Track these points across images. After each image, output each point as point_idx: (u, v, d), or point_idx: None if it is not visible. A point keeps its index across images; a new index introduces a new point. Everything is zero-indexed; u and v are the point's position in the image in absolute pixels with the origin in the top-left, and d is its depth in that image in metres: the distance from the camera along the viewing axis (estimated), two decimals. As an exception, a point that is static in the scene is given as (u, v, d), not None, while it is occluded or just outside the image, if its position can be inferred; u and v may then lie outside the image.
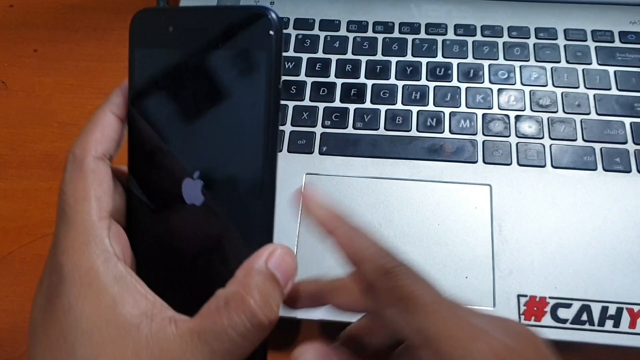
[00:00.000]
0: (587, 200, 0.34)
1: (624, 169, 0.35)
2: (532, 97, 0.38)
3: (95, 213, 0.22)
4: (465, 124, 0.38)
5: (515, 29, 0.41)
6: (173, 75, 0.26)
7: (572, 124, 0.37)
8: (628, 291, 0.32)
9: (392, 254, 0.23)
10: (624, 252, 0.33)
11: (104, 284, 0.21)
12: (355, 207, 0.35)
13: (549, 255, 0.33)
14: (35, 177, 0.40)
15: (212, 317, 0.20)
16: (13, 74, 0.45)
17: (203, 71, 0.25)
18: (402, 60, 0.40)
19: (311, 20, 0.42)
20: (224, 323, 0.20)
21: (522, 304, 0.31)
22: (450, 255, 0.33)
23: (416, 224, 0.34)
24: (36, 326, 0.22)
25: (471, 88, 0.39)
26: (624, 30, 0.41)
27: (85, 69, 0.45)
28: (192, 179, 0.23)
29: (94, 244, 0.22)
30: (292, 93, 0.40)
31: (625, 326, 0.31)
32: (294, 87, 0.40)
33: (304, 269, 0.33)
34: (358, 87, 0.39)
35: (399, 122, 0.38)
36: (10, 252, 0.37)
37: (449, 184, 0.35)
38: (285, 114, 0.39)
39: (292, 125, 0.38)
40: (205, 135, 0.24)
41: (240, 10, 0.24)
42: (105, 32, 0.47)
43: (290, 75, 0.40)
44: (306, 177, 0.36)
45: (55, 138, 0.42)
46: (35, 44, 0.46)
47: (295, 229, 0.34)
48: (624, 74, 0.39)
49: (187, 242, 0.24)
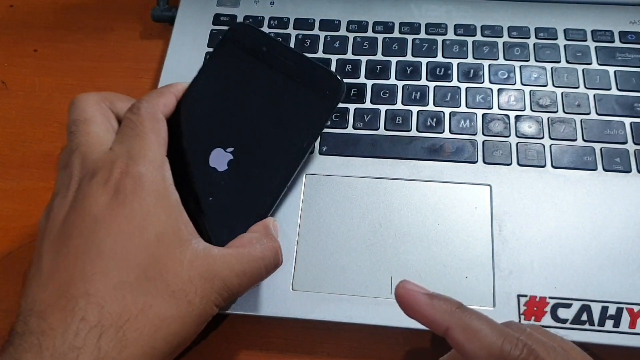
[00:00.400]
0: (587, 200, 0.34)
1: (624, 169, 0.35)
2: (532, 97, 0.38)
3: (163, 151, 0.29)
4: (465, 124, 0.38)
5: (515, 29, 0.41)
6: (247, 77, 0.33)
7: (572, 124, 0.37)
8: (628, 291, 0.32)
9: (517, 341, 0.22)
10: (624, 252, 0.33)
11: (173, 203, 0.27)
12: (355, 207, 0.35)
13: (549, 255, 0.33)
14: (35, 177, 0.40)
15: (249, 247, 0.27)
16: (13, 74, 0.45)
17: (273, 84, 0.33)
18: (402, 60, 0.40)
19: (311, 20, 0.42)
20: (257, 254, 0.27)
21: (522, 304, 0.31)
22: (450, 255, 0.33)
23: (416, 224, 0.34)
24: (97, 216, 0.26)
25: (471, 88, 0.39)
26: (624, 30, 0.41)
27: (85, 69, 0.45)
28: (224, 150, 0.31)
29: (165, 170, 0.28)
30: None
31: (625, 326, 0.31)
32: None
33: (304, 268, 0.33)
34: (358, 87, 0.39)
35: (399, 122, 0.38)
36: (10, 252, 0.37)
37: (449, 184, 0.35)
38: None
39: (292, 125, 0.38)
40: (251, 127, 0.32)
41: (325, 68, 0.33)
42: (105, 32, 0.47)
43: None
44: (306, 177, 0.36)
45: (55, 138, 0.42)
46: (35, 44, 0.46)
47: (296, 229, 0.34)
48: (624, 74, 0.39)
49: (198, 192, 0.31)
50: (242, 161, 0.31)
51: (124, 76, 0.44)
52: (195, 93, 0.33)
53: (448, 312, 0.23)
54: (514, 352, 0.21)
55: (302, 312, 0.32)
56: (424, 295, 0.24)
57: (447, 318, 0.23)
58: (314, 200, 0.35)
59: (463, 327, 0.22)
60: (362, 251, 0.33)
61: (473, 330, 0.22)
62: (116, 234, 0.25)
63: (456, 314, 0.23)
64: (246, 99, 0.33)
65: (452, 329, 0.23)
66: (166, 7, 0.45)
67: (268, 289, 0.32)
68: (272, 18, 0.43)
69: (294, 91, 0.32)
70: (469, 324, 0.22)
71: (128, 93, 0.43)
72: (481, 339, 0.22)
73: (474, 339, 0.22)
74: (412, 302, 0.24)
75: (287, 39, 0.42)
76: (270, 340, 0.34)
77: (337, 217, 0.34)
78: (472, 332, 0.22)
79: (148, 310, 0.24)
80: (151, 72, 0.44)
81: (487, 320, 0.23)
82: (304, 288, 0.32)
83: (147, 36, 0.46)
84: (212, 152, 0.32)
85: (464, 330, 0.22)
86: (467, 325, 0.22)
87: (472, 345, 0.22)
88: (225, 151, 0.32)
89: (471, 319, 0.23)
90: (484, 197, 0.35)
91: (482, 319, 0.23)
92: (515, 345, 0.22)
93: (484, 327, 0.22)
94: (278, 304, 0.32)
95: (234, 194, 0.31)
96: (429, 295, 0.24)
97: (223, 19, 0.43)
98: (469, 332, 0.22)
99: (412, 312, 0.24)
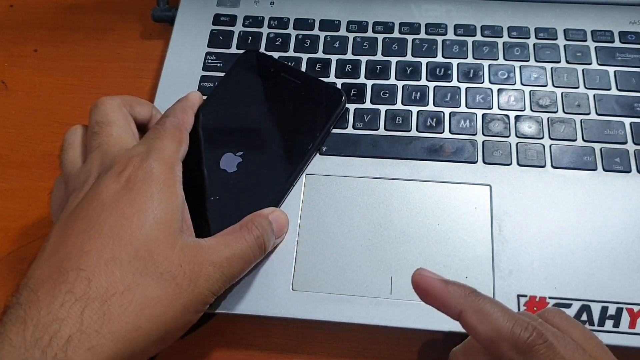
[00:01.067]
0: (587, 201, 0.34)
1: (624, 169, 0.35)
2: (532, 97, 0.38)
3: (178, 156, 0.31)
4: (465, 124, 0.38)
5: (515, 29, 0.41)
6: (257, 92, 0.38)
7: (572, 124, 0.37)
8: (628, 291, 0.32)
9: (527, 324, 0.23)
10: (624, 252, 0.33)
11: (177, 197, 0.29)
12: (355, 207, 0.35)
13: (549, 255, 0.33)
14: (35, 177, 0.40)
15: (233, 233, 0.30)
16: (13, 74, 0.45)
17: (280, 97, 0.37)
18: (402, 61, 0.40)
19: (311, 20, 0.42)
20: (242, 235, 0.29)
21: (522, 304, 0.31)
22: (450, 255, 0.33)
23: (416, 224, 0.34)
24: (104, 201, 0.27)
25: (471, 88, 0.39)
26: (624, 30, 0.41)
27: (85, 69, 0.45)
28: (234, 154, 0.35)
29: (177, 170, 0.30)
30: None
31: (625, 326, 0.31)
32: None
33: (304, 268, 0.33)
34: (358, 87, 0.39)
35: (399, 122, 0.38)
36: (10, 252, 0.37)
37: (449, 184, 0.35)
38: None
39: (292, 125, 0.38)
40: (259, 134, 0.36)
41: (328, 83, 0.38)
42: (105, 32, 0.47)
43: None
44: (306, 177, 0.36)
45: (55, 138, 0.42)
46: (35, 44, 0.46)
47: (296, 229, 0.34)
48: (624, 74, 0.39)
49: (207, 191, 0.34)
50: (250, 164, 0.35)
51: (124, 76, 0.44)
52: (211, 106, 0.37)
53: (462, 297, 0.24)
54: (524, 334, 0.22)
55: (302, 312, 0.32)
56: (439, 281, 0.25)
57: (461, 302, 0.24)
58: (314, 200, 0.35)
59: (476, 311, 0.23)
60: (362, 251, 0.33)
61: (485, 313, 0.23)
62: (117, 214, 0.27)
63: (470, 298, 0.24)
64: (256, 109, 0.37)
65: (465, 312, 0.23)
66: (166, 7, 0.45)
67: (268, 289, 0.32)
68: (272, 18, 0.43)
69: (299, 101, 0.37)
70: (482, 307, 0.23)
71: (128, 93, 0.43)
72: (493, 321, 0.23)
73: (485, 322, 0.23)
74: (428, 287, 0.25)
75: (287, 39, 0.42)
76: (270, 340, 0.34)
77: (337, 217, 0.34)
78: (485, 315, 0.23)
79: (135, 288, 0.25)
80: (151, 72, 0.44)
81: (499, 305, 0.24)
82: (304, 288, 0.32)
83: (147, 36, 0.46)
84: (223, 155, 0.35)
85: (476, 314, 0.23)
86: (479, 308, 0.23)
87: (484, 327, 0.23)
88: (235, 155, 0.35)
89: (484, 303, 0.24)
90: (484, 197, 0.35)
91: (494, 303, 0.24)
92: (525, 329, 0.22)
93: (496, 311, 0.23)
94: (278, 304, 0.32)
95: (241, 193, 0.34)
96: (444, 281, 0.25)
97: (223, 19, 0.43)
98: (482, 315, 0.23)
99: (428, 297, 0.25)
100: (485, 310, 0.23)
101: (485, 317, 0.23)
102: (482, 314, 0.23)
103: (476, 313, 0.23)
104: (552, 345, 0.22)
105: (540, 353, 0.22)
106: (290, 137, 0.36)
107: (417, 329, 0.31)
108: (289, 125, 0.36)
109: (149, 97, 0.43)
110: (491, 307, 0.23)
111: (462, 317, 0.24)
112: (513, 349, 0.22)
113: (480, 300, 0.24)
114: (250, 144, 0.36)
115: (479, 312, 0.23)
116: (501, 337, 0.22)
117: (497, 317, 0.23)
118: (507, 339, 0.22)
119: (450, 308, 0.24)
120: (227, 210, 0.33)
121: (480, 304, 0.24)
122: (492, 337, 0.23)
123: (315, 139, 0.36)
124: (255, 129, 0.36)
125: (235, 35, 0.42)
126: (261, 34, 0.42)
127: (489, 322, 0.23)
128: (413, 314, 0.31)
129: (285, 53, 0.41)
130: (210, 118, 0.37)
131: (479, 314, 0.23)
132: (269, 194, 0.34)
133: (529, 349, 0.22)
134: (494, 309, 0.23)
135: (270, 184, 0.34)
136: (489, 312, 0.23)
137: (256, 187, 0.34)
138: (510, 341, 0.22)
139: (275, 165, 0.35)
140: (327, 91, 0.37)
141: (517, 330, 0.22)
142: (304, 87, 0.37)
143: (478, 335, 0.23)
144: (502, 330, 0.22)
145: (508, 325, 0.23)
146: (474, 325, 0.23)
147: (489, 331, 0.23)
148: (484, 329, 0.23)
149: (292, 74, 0.38)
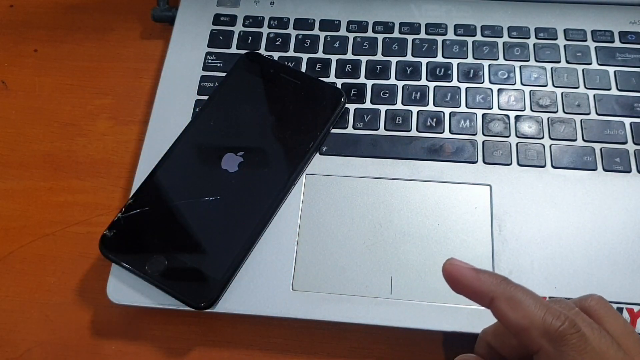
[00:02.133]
0: (587, 200, 0.34)
1: (624, 169, 0.35)
2: (532, 97, 0.38)
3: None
4: (465, 124, 0.38)
5: (515, 29, 0.41)
6: (257, 92, 0.38)
7: (572, 124, 0.37)
8: (628, 291, 0.32)
9: (560, 313, 0.22)
10: (624, 252, 0.33)
11: None
12: (355, 207, 0.35)
13: (549, 255, 0.33)
14: (35, 177, 0.40)
15: None
16: (13, 74, 0.45)
17: (280, 97, 0.38)
18: (402, 61, 0.40)
19: (311, 20, 0.42)
20: None
21: (522, 304, 0.31)
22: (450, 255, 0.32)
23: (416, 224, 0.34)
24: None
25: (471, 88, 0.39)
26: (624, 30, 0.41)
27: (85, 69, 0.45)
28: (236, 154, 0.36)
29: None
30: (292, 93, 0.40)
31: (625, 326, 0.31)
32: (294, 87, 0.40)
33: (304, 268, 0.33)
34: (358, 87, 0.39)
35: (399, 122, 0.38)
36: (10, 252, 0.37)
37: (449, 184, 0.35)
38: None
39: (292, 125, 0.38)
40: (260, 135, 0.37)
41: (327, 83, 0.39)
42: (105, 32, 0.47)
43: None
44: (306, 177, 0.36)
45: (55, 138, 0.42)
46: (35, 44, 0.46)
47: (296, 229, 0.34)
48: (624, 74, 0.39)
49: (209, 189, 0.35)
50: (251, 164, 0.36)
51: (124, 76, 0.44)
52: (212, 107, 0.38)
53: (494, 284, 0.24)
54: (555, 322, 0.22)
55: (302, 312, 0.32)
56: (470, 269, 0.25)
57: (492, 289, 0.24)
58: (314, 200, 0.35)
59: (507, 298, 0.23)
60: (362, 251, 0.33)
61: (517, 300, 0.23)
62: None
63: (502, 285, 0.24)
64: (256, 110, 0.38)
65: (497, 299, 0.23)
66: (166, 7, 0.45)
67: (268, 288, 0.32)
68: (272, 18, 0.43)
69: (299, 102, 0.38)
70: (514, 294, 0.23)
71: (128, 93, 0.43)
72: (525, 309, 0.23)
73: (517, 309, 0.23)
74: (459, 276, 0.25)
75: (287, 39, 0.42)
76: (270, 340, 0.34)
77: (337, 217, 0.34)
78: (516, 302, 0.23)
79: None
80: (151, 72, 0.44)
81: (532, 293, 0.24)
82: (304, 288, 0.32)
83: (147, 36, 0.46)
84: (225, 156, 0.36)
85: (508, 301, 0.23)
86: (511, 295, 0.23)
87: (516, 314, 0.23)
88: (236, 155, 0.36)
89: (516, 290, 0.23)
90: (484, 197, 0.35)
91: (526, 291, 0.24)
92: (557, 317, 0.22)
93: (528, 299, 0.23)
94: (278, 304, 0.32)
95: (242, 192, 0.35)
96: (475, 270, 0.25)
97: (223, 19, 0.43)
98: (513, 302, 0.23)
99: (459, 285, 0.25)
100: (516, 298, 0.23)
101: (517, 304, 0.23)
102: (514, 301, 0.23)
103: (507, 300, 0.23)
104: (585, 336, 0.22)
105: (572, 343, 0.21)
106: (291, 137, 0.36)
107: (417, 329, 0.31)
108: (289, 125, 0.37)
109: (149, 97, 0.43)
110: (523, 295, 0.23)
111: (494, 304, 0.23)
112: (544, 337, 0.22)
113: (512, 288, 0.23)
114: (251, 144, 0.36)
115: (510, 299, 0.23)
116: (532, 324, 0.22)
117: (528, 304, 0.23)
118: (538, 327, 0.22)
119: (481, 295, 0.24)
120: (229, 210, 0.34)
121: (512, 291, 0.23)
122: (524, 325, 0.22)
123: (316, 139, 0.36)
124: (256, 130, 0.37)
125: (235, 35, 0.42)
126: (261, 34, 0.42)
127: (521, 310, 0.23)
128: (413, 314, 0.31)
129: (286, 53, 0.41)
130: (212, 119, 0.37)
131: (511, 301, 0.23)
132: (269, 193, 0.34)
133: (560, 338, 0.22)
134: (526, 297, 0.23)
135: (271, 184, 0.35)
136: (521, 300, 0.23)
137: (257, 187, 0.35)
138: (541, 329, 0.22)
139: (275, 165, 0.35)
140: (327, 91, 0.38)
141: (549, 318, 0.22)
142: (304, 87, 0.38)
143: (509, 323, 0.23)
144: (533, 318, 0.22)
145: (540, 313, 0.22)
146: (505, 312, 0.23)
147: (520, 318, 0.22)
148: (515, 316, 0.23)
149: (291, 74, 0.39)
